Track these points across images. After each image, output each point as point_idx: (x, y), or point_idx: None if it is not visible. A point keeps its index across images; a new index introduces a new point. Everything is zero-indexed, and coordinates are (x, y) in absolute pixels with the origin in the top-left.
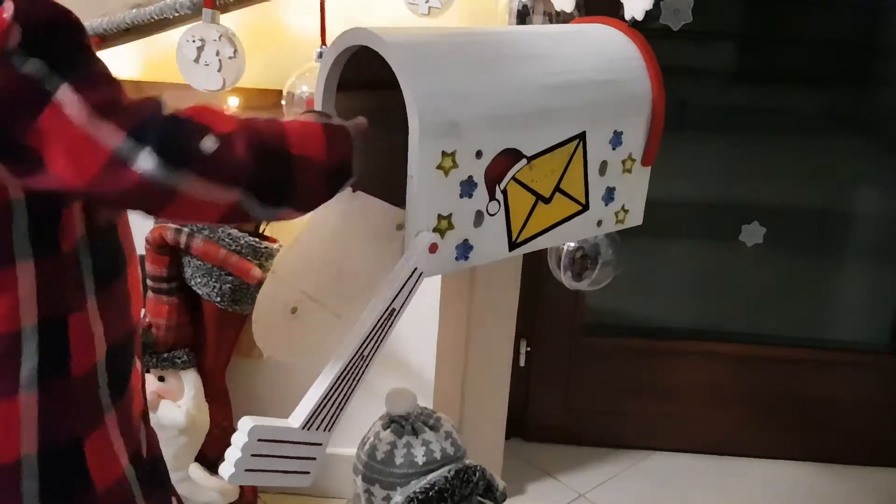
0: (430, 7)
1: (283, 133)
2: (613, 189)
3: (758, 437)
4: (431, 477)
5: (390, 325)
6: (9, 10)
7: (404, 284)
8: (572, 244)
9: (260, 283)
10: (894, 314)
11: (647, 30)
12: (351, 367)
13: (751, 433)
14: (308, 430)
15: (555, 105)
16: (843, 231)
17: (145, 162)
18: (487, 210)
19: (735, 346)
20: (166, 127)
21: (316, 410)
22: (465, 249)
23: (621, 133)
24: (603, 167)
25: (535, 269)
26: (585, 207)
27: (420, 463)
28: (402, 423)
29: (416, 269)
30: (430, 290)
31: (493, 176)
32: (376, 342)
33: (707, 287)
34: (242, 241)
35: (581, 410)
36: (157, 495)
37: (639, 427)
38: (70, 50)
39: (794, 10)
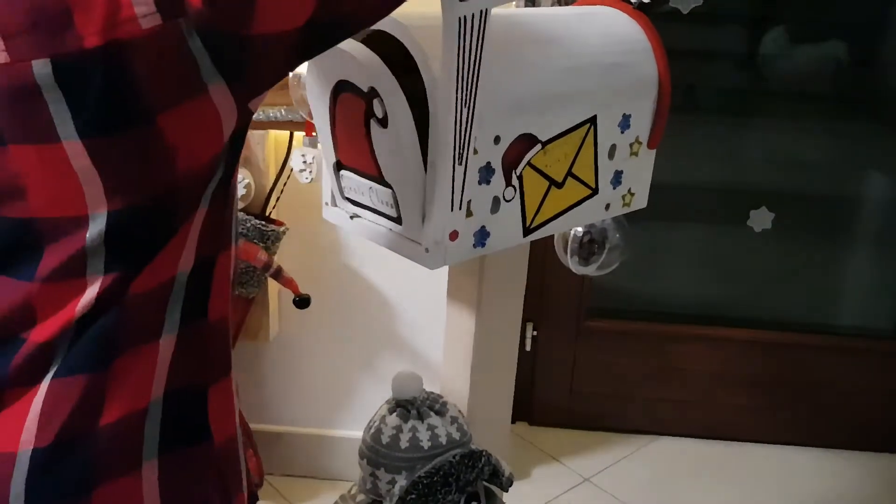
0: None
1: None
2: (621, 172)
3: (764, 421)
4: (437, 461)
5: None
6: None
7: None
8: (580, 229)
9: (266, 266)
10: None
11: (656, 13)
12: None
13: (757, 418)
14: None
15: (570, 89)
16: (851, 216)
17: None
18: (504, 196)
19: (741, 331)
20: None
21: None
22: (482, 236)
23: (629, 116)
24: (612, 151)
25: (542, 252)
26: (595, 191)
27: (425, 447)
28: (408, 408)
29: None
30: (438, 275)
31: (510, 161)
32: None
33: (714, 271)
34: (249, 224)
35: (587, 394)
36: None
37: (644, 411)
38: None
39: None
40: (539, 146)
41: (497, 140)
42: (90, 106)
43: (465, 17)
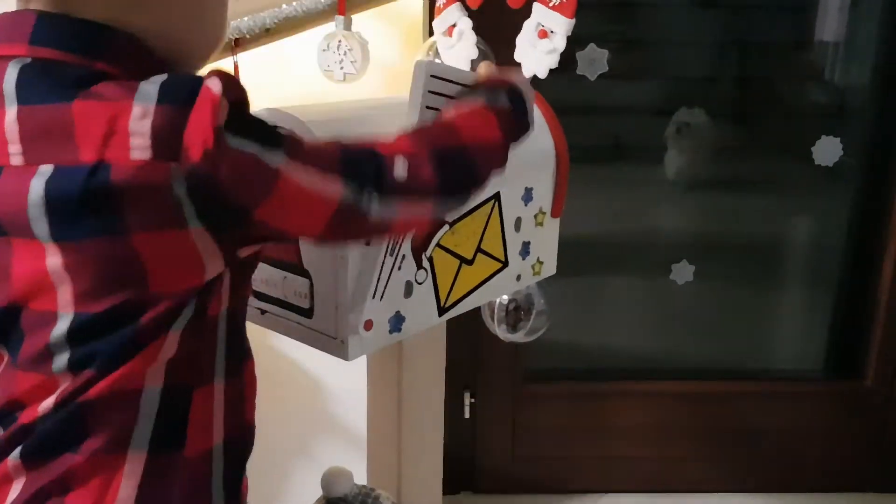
0: (345, 74)
1: (454, 129)
2: (528, 243)
3: (705, 471)
4: None
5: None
6: (216, 86)
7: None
8: (505, 297)
9: None
10: (827, 340)
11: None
12: None
13: (699, 468)
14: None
15: None
16: (772, 260)
17: (368, 204)
18: (416, 279)
19: (676, 384)
20: (371, 166)
21: None
22: (397, 321)
23: (531, 189)
24: (518, 223)
25: (475, 318)
26: (505, 264)
27: None
28: None
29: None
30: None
31: (418, 245)
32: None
33: (645, 325)
34: None
35: (529, 458)
36: None
37: (588, 471)
38: (259, 123)
39: (713, 51)
40: (446, 227)
41: None
42: (68, 211)
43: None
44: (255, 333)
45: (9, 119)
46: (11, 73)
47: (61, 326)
